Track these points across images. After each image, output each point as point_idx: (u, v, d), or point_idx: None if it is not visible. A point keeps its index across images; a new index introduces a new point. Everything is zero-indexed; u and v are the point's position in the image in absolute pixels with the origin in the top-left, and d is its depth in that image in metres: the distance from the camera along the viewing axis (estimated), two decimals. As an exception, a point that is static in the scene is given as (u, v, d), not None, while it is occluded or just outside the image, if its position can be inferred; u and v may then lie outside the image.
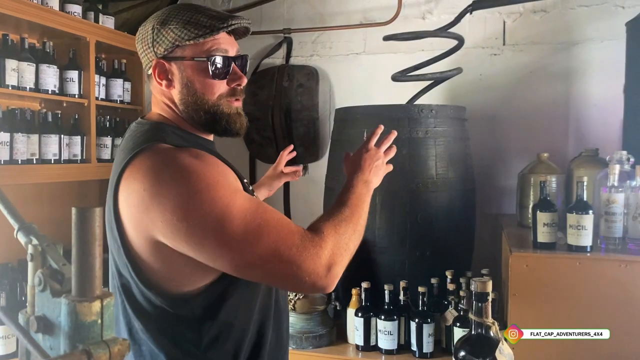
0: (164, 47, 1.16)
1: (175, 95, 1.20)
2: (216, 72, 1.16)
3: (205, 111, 1.17)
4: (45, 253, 0.83)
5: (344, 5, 3.05)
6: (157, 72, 1.19)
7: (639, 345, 1.65)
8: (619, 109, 2.67)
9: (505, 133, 2.80)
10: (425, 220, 2.09)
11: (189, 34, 1.14)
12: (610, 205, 1.81)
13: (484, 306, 0.85)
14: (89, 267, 0.75)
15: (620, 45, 2.59)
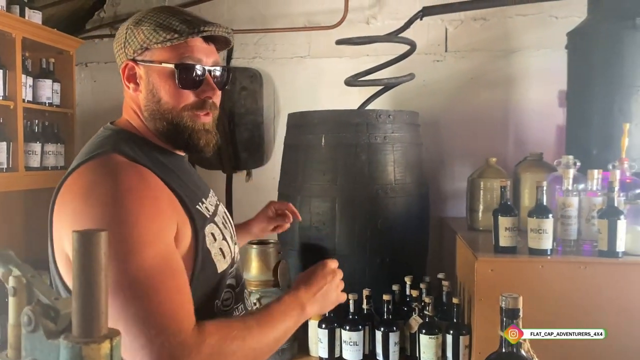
0: (133, 49, 1.08)
1: (141, 100, 1.11)
2: (184, 81, 1.07)
3: (167, 121, 1.08)
4: (31, 286, 0.70)
5: (287, 7, 2.99)
6: (125, 74, 1.11)
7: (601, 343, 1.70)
8: (556, 115, 2.81)
9: (448, 138, 2.86)
10: (385, 226, 2.07)
11: (158, 37, 1.05)
12: (565, 209, 1.87)
13: (515, 323, 0.82)
14: (95, 300, 0.64)
15: (556, 53, 2.72)
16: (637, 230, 1.78)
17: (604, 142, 2.17)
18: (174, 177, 1.07)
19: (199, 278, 1.03)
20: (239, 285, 1.20)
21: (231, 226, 1.25)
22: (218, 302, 1.09)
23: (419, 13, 2.45)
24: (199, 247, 1.03)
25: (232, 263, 1.16)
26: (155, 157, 1.08)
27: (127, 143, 1.07)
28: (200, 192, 1.15)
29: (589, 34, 2.23)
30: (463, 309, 1.96)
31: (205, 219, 1.08)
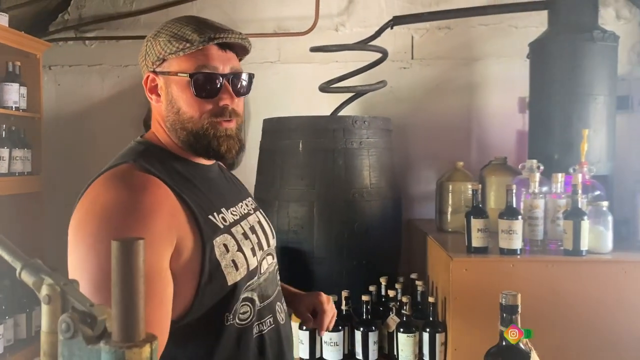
0: (152, 60, 1.10)
1: (162, 111, 1.12)
2: (200, 90, 1.07)
3: (188, 130, 1.09)
4: (65, 293, 0.71)
5: (256, 12, 3.01)
6: (147, 86, 1.12)
7: (570, 339, 1.81)
8: (516, 120, 2.95)
9: (414, 142, 2.95)
10: (362, 229, 2.13)
11: (171, 48, 1.06)
12: (532, 211, 1.98)
13: (514, 318, 0.89)
14: (135, 306, 0.66)
15: (515, 61, 2.86)
16: (599, 230, 1.90)
17: (564, 147, 2.30)
18: (190, 187, 1.07)
19: (206, 289, 1.02)
20: (265, 300, 1.16)
21: (265, 236, 1.23)
22: (229, 315, 1.07)
23: (390, 22, 2.52)
24: (206, 258, 1.02)
25: (250, 276, 1.12)
26: (173, 168, 1.09)
27: (147, 154, 1.08)
28: (222, 202, 1.14)
29: (550, 45, 2.35)
30: (439, 308, 2.04)
31: (217, 230, 1.07)
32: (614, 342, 1.81)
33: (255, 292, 1.13)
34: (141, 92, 3.02)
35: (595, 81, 2.27)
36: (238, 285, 1.07)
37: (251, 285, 1.12)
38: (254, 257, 1.14)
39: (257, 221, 1.24)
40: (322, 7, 2.90)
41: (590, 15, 2.33)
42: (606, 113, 2.30)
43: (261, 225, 1.24)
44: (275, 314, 1.19)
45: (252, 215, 1.23)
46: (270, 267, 1.22)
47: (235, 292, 1.07)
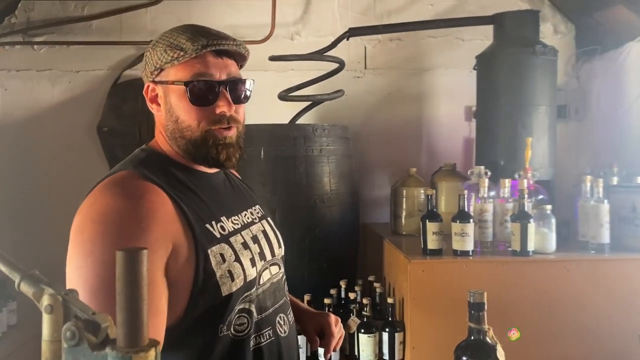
0: (151, 70, 1.11)
1: (162, 120, 1.14)
2: (196, 98, 1.08)
3: (186, 139, 1.10)
4: (67, 303, 0.74)
5: (212, 19, 3.02)
6: (148, 96, 1.14)
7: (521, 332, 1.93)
8: (462, 128, 3.10)
9: (368, 149, 3.04)
10: (322, 234, 2.19)
11: (167, 57, 1.08)
12: (483, 214, 2.10)
13: (481, 314, 0.97)
14: (139, 312, 0.70)
15: (462, 72, 3.00)
16: (544, 231, 2.04)
17: (509, 154, 2.45)
18: (189, 195, 1.08)
19: (199, 299, 1.02)
20: (263, 312, 1.14)
21: (269, 246, 1.22)
22: (223, 326, 1.06)
23: (346, 33, 2.61)
24: (200, 267, 1.02)
25: (248, 287, 1.10)
26: (173, 176, 1.10)
27: (148, 162, 1.10)
28: (223, 210, 1.14)
29: (496, 58, 2.51)
30: (397, 308, 2.12)
31: (213, 239, 1.06)
32: (560, 333, 1.94)
33: (252, 304, 1.11)
34: (94, 98, 2.99)
35: (538, 92, 2.43)
36: (233, 296, 1.06)
37: (249, 297, 1.11)
38: (253, 268, 1.13)
39: (261, 230, 1.23)
40: (278, 16, 2.96)
41: (533, 31, 2.50)
42: (547, 122, 2.47)
43: (266, 235, 1.23)
44: (275, 326, 1.17)
45: (256, 224, 1.22)
46: (273, 277, 1.20)
47: (230, 303, 1.06)
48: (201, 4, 2.97)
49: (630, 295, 1.94)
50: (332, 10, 3.05)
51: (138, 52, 2.99)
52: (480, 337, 0.97)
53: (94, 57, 3.00)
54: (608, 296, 1.94)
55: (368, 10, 3.05)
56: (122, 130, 2.85)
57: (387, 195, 2.78)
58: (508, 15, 2.53)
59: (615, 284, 1.95)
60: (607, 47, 2.84)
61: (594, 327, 1.93)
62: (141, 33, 3.01)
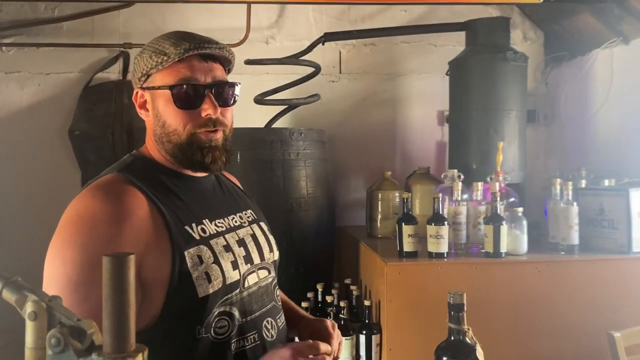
0: (138, 76, 1.13)
1: (152, 127, 1.16)
2: (181, 102, 1.10)
3: (173, 143, 1.12)
4: (52, 309, 0.73)
5: (186, 23, 3.01)
6: (137, 102, 1.15)
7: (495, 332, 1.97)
8: (435, 132, 3.15)
9: (343, 153, 3.06)
10: (299, 238, 2.20)
11: (152, 62, 1.10)
12: (456, 217, 2.14)
13: (460, 315, 0.99)
14: (126, 318, 0.70)
15: (435, 77, 3.07)
16: (516, 233, 2.09)
17: (481, 158, 2.50)
18: (171, 198, 1.10)
19: (174, 300, 1.03)
20: (248, 315, 1.14)
21: (258, 250, 1.22)
22: (201, 328, 1.06)
23: (322, 38, 2.63)
24: (176, 268, 1.03)
25: (228, 290, 1.10)
26: (158, 179, 1.12)
27: (134, 166, 1.12)
28: (206, 213, 1.15)
29: (468, 63, 2.56)
30: (373, 310, 2.15)
31: (191, 240, 1.07)
32: (532, 332, 1.99)
33: (235, 307, 1.11)
34: (65, 102, 2.94)
35: (509, 97, 2.49)
36: (210, 297, 1.06)
37: (230, 299, 1.10)
38: (235, 271, 1.12)
39: (250, 234, 1.23)
40: (253, 20, 2.96)
41: (503, 37, 2.56)
42: (518, 126, 2.53)
43: (255, 238, 1.23)
44: (261, 330, 1.16)
45: (244, 228, 1.23)
46: (261, 281, 1.20)
47: (208, 304, 1.06)
48: (176, 7, 2.95)
49: (599, 295, 2.00)
50: (306, 15, 3.07)
51: (110, 55, 2.96)
52: (460, 338, 0.99)
53: (64, 59, 2.95)
54: (578, 296, 2.00)
55: (342, 15, 3.08)
56: (94, 134, 2.81)
57: (362, 198, 2.81)
58: (480, 22, 2.59)
59: (585, 284, 2.01)
60: (574, 54, 2.93)
61: (565, 326, 1.99)
62: (114, 35, 2.97)
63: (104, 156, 2.83)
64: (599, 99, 2.75)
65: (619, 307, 1.99)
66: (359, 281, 2.40)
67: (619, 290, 2.01)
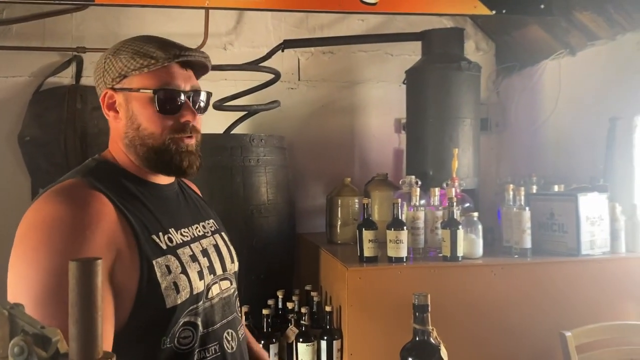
0: (112, 77, 1.10)
1: (120, 128, 1.12)
2: (163, 106, 1.09)
3: (148, 147, 1.10)
4: (14, 317, 0.70)
5: (142, 27, 2.96)
6: (105, 103, 1.12)
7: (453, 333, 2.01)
8: (393, 140, 3.20)
9: (302, 160, 3.08)
10: (260, 245, 2.19)
11: (135, 64, 1.08)
12: (415, 221, 2.18)
13: (425, 316, 1.01)
14: (93, 324, 0.68)
15: (391, 86, 3.13)
16: (472, 237, 2.15)
17: (438, 165, 2.56)
18: (137, 206, 1.07)
19: (141, 309, 1.01)
20: (210, 326, 1.13)
21: (220, 260, 1.21)
22: (166, 338, 1.05)
23: (281, 45, 2.64)
24: (144, 278, 1.01)
25: (194, 300, 1.09)
26: (122, 186, 1.08)
27: (98, 171, 1.08)
28: (172, 222, 1.13)
29: (424, 72, 2.62)
30: (334, 316, 2.15)
31: (158, 250, 1.05)
32: (487, 333, 2.04)
33: (199, 317, 1.10)
34: (14, 106, 2.83)
35: (463, 106, 2.56)
36: (178, 308, 1.05)
37: (195, 310, 1.10)
38: (201, 281, 1.12)
39: (212, 244, 1.22)
40: (211, 25, 2.94)
41: (458, 47, 2.64)
42: (472, 134, 2.61)
43: (217, 249, 1.23)
44: (222, 341, 1.15)
45: (207, 238, 1.22)
46: (223, 292, 1.20)
47: (174, 315, 1.05)
48: (132, 11, 2.90)
49: (551, 296, 2.08)
50: (265, 22, 3.08)
51: (63, 59, 2.88)
52: (424, 338, 1.01)
53: (13, 63, 2.85)
54: (531, 297, 2.07)
55: (301, 23, 3.10)
56: (45, 140, 2.72)
57: (321, 205, 2.82)
58: (435, 32, 2.66)
59: (537, 286, 2.08)
60: (524, 64, 3.05)
61: (519, 326, 2.05)
62: (66, 39, 2.90)
63: (55, 163, 2.75)
64: (548, 108, 2.87)
65: (569, 307, 2.07)
66: (320, 287, 2.41)
67: (570, 291, 2.09)
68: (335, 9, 2.44)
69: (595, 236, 2.17)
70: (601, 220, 2.18)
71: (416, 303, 1.02)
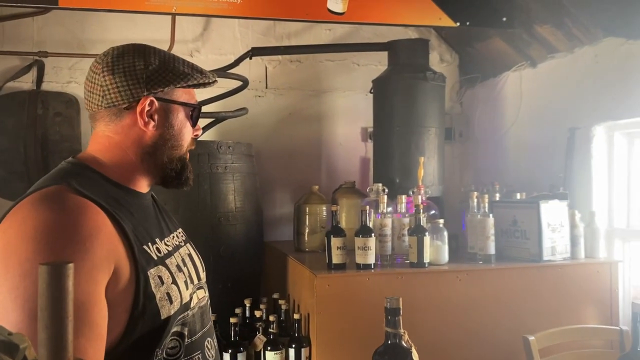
0: (160, 86, 1.07)
1: (147, 136, 1.09)
2: (195, 120, 1.16)
3: (171, 157, 1.13)
4: (-21, 323, 0.68)
5: (105, 33, 2.92)
6: (143, 109, 1.08)
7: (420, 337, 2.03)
8: (359, 148, 3.23)
9: (269, 168, 3.07)
10: (227, 253, 2.17)
11: (189, 78, 1.10)
12: (382, 229, 2.20)
13: (397, 319, 1.02)
14: (63, 330, 0.67)
15: (358, 95, 3.17)
16: (438, 244, 2.18)
17: (404, 173, 2.60)
18: (126, 215, 1.03)
19: (138, 322, 0.98)
20: (193, 335, 1.12)
21: (195, 269, 1.21)
22: (159, 350, 1.03)
23: (249, 52, 2.64)
24: (141, 290, 0.98)
25: (183, 309, 1.08)
26: (108, 193, 1.04)
27: (80, 177, 1.02)
28: (155, 232, 1.11)
29: (390, 82, 2.66)
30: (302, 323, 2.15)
31: (150, 261, 1.03)
32: (454, 338, 2.07)
33: (186, 327, 1.09)
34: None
35: (429, 115, 2.61)
36: (171, 319, 1.03)
37: (182, 319, 1.09)
38: (187, 290, 1.11)
39: (187, 254, 1.21)
40: (177, 32, 2.91)
41: (423, 58, 2.69)
42: (437, 143, 2.65)
43: (191, 258, 1.22)
44: (204, 350, 1.15)
45: (183, 247, 1.21)
46: (201, 301, 1.19)
47: (168, 326, 1.03)
48: (96, 15, 2.85)
49: (514, 301, 2.13)
50: (232, 30, 3.07)
51: (23, 63, 2.80)
52: (396, 341, 1.02)
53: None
54: (495, 302, 2.11)
55: (268, 32, 3.10)
56: (4, 147, 2.64)
57: (289, 213, 2.82)
58: (401, 43, 2.71)
59: (501, 291, 2.13)
60: (487, 76, 3.12)
61: (484, 330, 2.09)
62: (26, 43, 2.82)
63: (14, 170, 2.67)
64: (510, 118, 2.95)
65: (532, 311, 2.12)
66: (287, 296, 2.40)
67: (532, 296, 2.14)
68: (303, 17, 2.46)
69: (556, 242, 2.23)
70: (562, 227, 2.25)
71: (388, 306, 1.03)
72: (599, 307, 2.22)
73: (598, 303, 2.22)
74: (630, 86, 2.23)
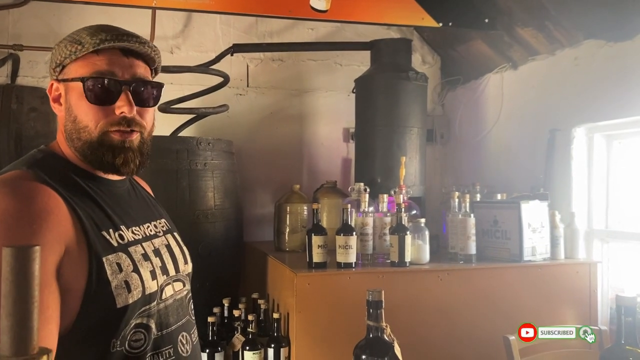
0: (53, 67, 1.05)
1: (62, 123, 1.06)
2: (93, 96, 1.01)
3: (83, 140, 1.03)
4: (-58, 312, 0.64)
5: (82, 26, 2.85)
6: (51, 95, 1.06)
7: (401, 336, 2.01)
8: (341, 148, 3.22)
9: (250, 166, 3.03)
10: (206, 251, 2.13)
11: (65, 52, 1.02)
12: (364, 227, 2.18)
13: (379, 312, 1.00)
14: (28, 316, 0.63)
15: (340, 95, 3.15)
16: (419, 243, 2.17)
17: (386, 172, 2.58)
18: (85, 201, 1.00)
19: (90, 309, 0.95)
20: (164, 329, 1.08)
21: (173, 261, 1.16)
22: (116, 341, 0.99)
23: (230, 49, 2.60)
24: (93, 275, 0.95)
25: (147, 301, 1.04)
26: (71, 180, 1.02)
27: (44, 163, 1.01)
28: (123, 219, 1.07)
29: (373, 81, 2.65)
30: (282, 323, 2.11)
31: (108, 247, 1.00)
32: (434, 337, 2.06)
33: (152, 319, 1.05)
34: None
35: (411, 115, 2.60)
36: (129, 308, 0.99)
37: (147, 311, 1.04)
38: (154, 281, 1.06)
39: (164, 244, 1.16)
40: (157, 28, 2.87)
41: (405, 58, 2.69)
42: (419, 143, 2.65)
43: (170, 249, 1.17)
44: (176, 344, 1.10)
45: (159, 238, 1.16)
46: (177, 294, 1.15)
47: (125, 316, 0.99)
48: (74, 8, 2.79)
49: (495, 300, 2.12)
50: (213, 27, 3.03)
51: (-3, 56, 2.73)
52: (378, 335, 1.00)
53: (-58, 58, 2.68)
54: (476, 301, 2.11)
55: (250, 29, 3.07)
56: (-25, 141, 2.56)
57: (269, 213, 2.79)
58: (384, 42, 2.70)
59: (482, 291, 2.12)
60: (468, 78, 3.13)
61: (465, 330, 2.08)
62: (2, 36, 2.75)
63: (-14, 165, 2.59)
64: (491, 120, 2.96)
65: (513, 311, 2.12)
66: (267, 295, 2.36)
67: (513, 295, 2.14)
68: (286, 14, 2.44)
69: (536, 243, 2.24)
70: (542, 227, 2.26)
71: (370, 299, 1.00)
72: (578, 307, 2.23)
73: (577, 303, 2.23)
74: (610, 88, 2.25)
